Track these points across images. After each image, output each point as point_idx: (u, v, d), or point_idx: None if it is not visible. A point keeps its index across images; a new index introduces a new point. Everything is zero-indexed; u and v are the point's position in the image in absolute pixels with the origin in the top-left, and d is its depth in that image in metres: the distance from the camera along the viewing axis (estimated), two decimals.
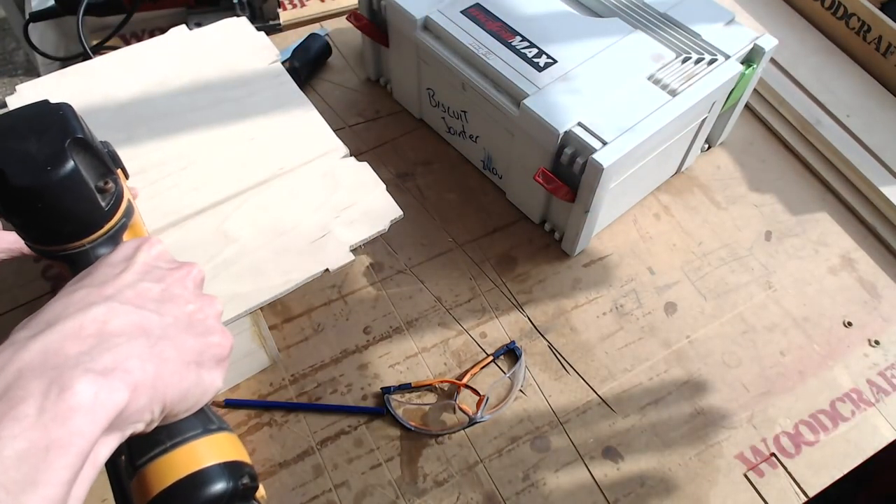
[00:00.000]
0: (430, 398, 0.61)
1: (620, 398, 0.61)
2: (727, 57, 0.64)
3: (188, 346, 0.32)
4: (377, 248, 0.70)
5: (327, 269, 0.51)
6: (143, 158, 0.56)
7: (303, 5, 0.90)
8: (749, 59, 0.67)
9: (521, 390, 0.61)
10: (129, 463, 0.32)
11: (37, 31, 0.86)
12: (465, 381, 0.61)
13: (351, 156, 0.58)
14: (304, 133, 0.59)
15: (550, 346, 0.64)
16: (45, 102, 0.37)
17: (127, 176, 0.42)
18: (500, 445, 0.59)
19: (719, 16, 0.68)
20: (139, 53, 0.63)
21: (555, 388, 0.62)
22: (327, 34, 0.86)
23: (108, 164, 0.38)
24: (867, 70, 0.84)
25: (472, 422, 0.59)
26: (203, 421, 0.34)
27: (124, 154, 0.48)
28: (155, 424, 0.31)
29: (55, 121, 0.35)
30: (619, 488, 0.57)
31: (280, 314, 0.65)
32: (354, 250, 0.53)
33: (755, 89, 0.82)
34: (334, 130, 0.59)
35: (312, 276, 0.51)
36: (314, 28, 0.88)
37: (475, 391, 0.60)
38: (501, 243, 0.70)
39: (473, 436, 0.59)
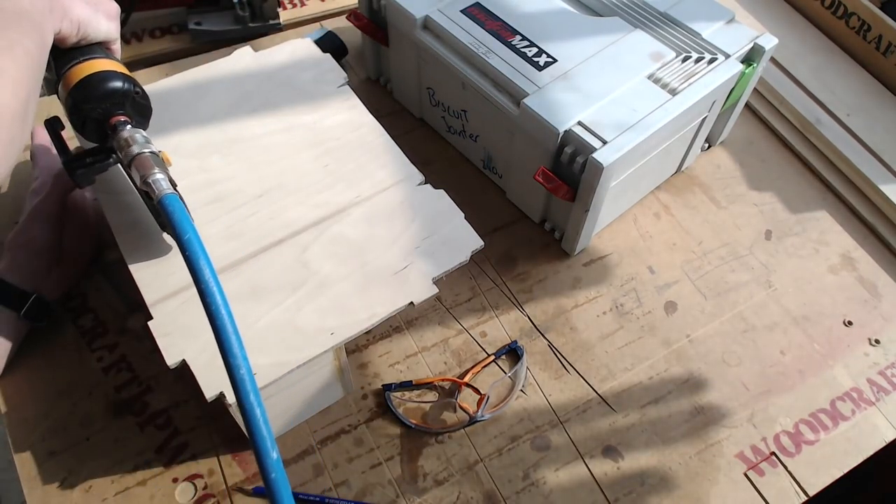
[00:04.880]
0: (431, 396, 0.61)
1: (620, 397, 0.61)
2: (727, 56, 0.64)
3: None
4: None
5: (412, 303, 0.49)
6: (219, 186, 0.54)
7: (303, 5, 0.90)
8: (749, 59, 0.67)
9: (521, 390, 0.61)
10: (56, 73, 0.45)
11: None
12: (466, 379, 0.61)
13: (426, 183, 0.56)
14: (378, 159, 0.58)
15: (550, 346, 0.64)
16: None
17: None
18: (501, 444, 0.59)
19: (719, 15, 0.68)
20: (206, 76, 0.61)
21: (555, 387, 0.62)
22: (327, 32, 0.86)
23: None
24: (867, 69, 0.84)
25: (472, 420, 0.59)
26: (105, 52, 0.47)
27: (198, 181, 0.55)
28: (71, 40, 0.45)
29: None
30: (620, 487, 0.57)
31: None
32: (437, 282, 0.51)
33: (755, 88, 0.82)
34: None
35: (397, 310, 0.49)
36: (314, 28, 0.88)
37: (476, 390, 0.60)
38: (501, 243, 0.70)
39: (473, 434, 0.59)
